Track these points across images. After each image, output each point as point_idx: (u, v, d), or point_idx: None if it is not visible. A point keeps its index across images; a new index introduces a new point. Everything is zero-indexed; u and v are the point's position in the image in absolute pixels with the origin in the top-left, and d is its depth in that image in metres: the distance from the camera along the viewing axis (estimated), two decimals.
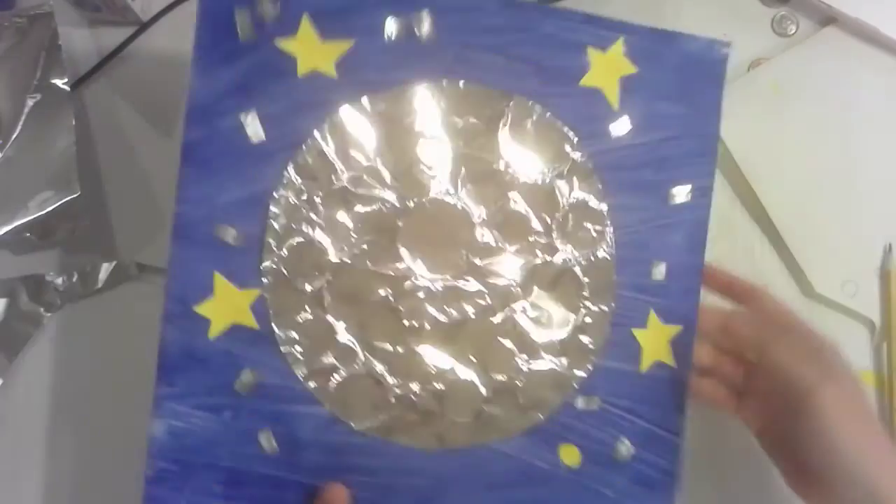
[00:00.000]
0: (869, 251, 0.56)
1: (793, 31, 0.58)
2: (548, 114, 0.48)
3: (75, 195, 0.54)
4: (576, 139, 0.49)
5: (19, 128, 0.54)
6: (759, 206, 0.55)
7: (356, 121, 0.46)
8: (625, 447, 0.50)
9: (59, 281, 0.55)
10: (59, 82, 0.55)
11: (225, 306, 0.45)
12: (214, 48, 0.44)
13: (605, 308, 0.50)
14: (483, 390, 0.48)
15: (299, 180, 0.45)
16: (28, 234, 0.53)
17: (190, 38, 0.47)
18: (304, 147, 0.45)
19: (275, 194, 0.45)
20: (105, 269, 0.56)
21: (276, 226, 0.45)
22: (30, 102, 0.54)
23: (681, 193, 0.50)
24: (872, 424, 0.45)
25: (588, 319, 0.49)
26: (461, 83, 0.47)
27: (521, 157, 0.48)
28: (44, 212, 0.53)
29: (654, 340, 0.50)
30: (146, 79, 0.58)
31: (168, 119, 0.58)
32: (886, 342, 0.56)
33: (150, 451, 0.44)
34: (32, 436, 0.55)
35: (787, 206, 0.55)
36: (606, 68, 0.49)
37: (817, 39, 0.58)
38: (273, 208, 0.45)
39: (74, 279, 0.55)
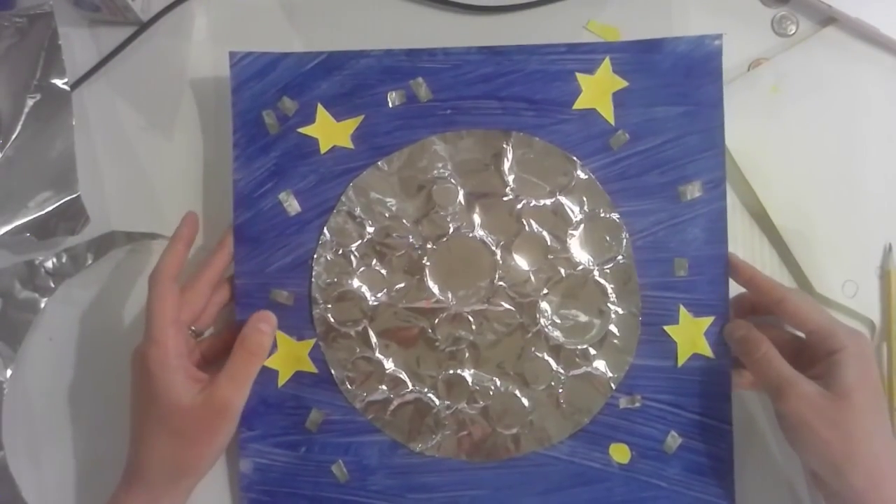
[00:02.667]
0: (869, 251, 0.55)
1: (793, 31, 0.58)
2: (547, 142, 0.53)
3: (75, 195, 0.54)
4: (578, 159, 0.53)
5: (19, 128, 0.55)
6: (759, 206, 0.55)
7: (376, 181, 0.53)
8: (673, 439, 0.51)
9: (49, 264, 0.54)
10: (59, 82, 0.55)
11: (288, 357, 0.52)
12: (250, 144, 0.53)
13: (632, 310, 0.52)
14: (526, 402, 0.52)
15: (334, 240, 0.53)
16: (28, 234, 0.54)
17: (190, 37, 0.57)
18: (334, 211, 0.53)
19: (315, 255, 0.53)
20: (92, 244, 0.55)
21: (319, 282, 0.52)
22: (30, 102, 0.55)
23: (691, 190, 0.52)
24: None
25: (617, 323, 0.52)
26: (462, 131, 0.53)
27: (528, 184, 0.53)
28: (44, 212, 0.54)
29: (688, 334, 0.52)
30: (146, 79, 0.58)
31: (168, 119, 0.58)
32: (886, 342, 0.54)
33: (240, 485, 0.52)
34: (48, 419, 0.55)
35: (787, 206, 0.55)
36: (597, 88, 0.53)
37: (817, 39, 0.57)
38: (315, 267, 0.52)
39: (64, 259, 0.55)
